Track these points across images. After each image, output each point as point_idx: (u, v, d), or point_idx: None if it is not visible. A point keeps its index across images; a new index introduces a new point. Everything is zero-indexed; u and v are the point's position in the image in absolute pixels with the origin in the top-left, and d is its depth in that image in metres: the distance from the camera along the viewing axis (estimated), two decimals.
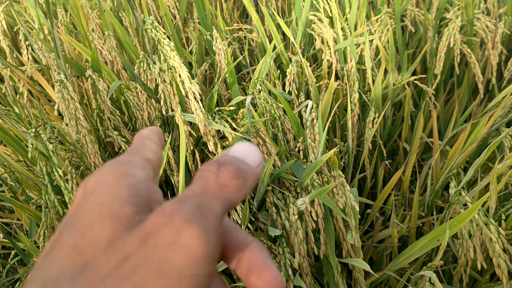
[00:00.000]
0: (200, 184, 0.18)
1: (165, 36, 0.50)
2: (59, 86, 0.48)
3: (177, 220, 0.16)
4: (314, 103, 0.87)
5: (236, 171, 0.18)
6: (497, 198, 0.57)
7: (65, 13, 1.03)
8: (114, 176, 0.18)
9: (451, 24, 0.77)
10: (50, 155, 0.44)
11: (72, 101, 0.49)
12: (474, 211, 0.40)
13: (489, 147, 0.53)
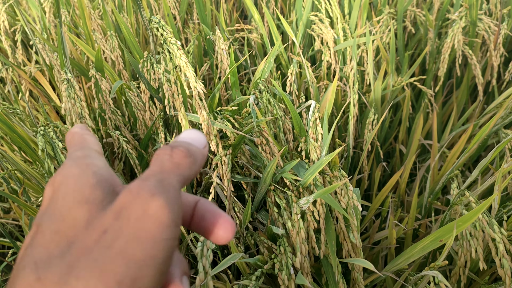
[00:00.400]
0: (157, 165, 0.20)
1: (171, 35, 0.50)
2: (66, 85, 0.48)
3: (143, 194, 0.18)
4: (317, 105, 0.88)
5: (186, 151, 0.21)
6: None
7: (67, 13, 1.03)
8: (79, 168, 0.20)
9: (455, 25, 0.78)
10: (59, 153, 0.45)
11: (78, 100, 0.49)
12: (480, 211, 0.40)
13: (496, 147, 0.53)
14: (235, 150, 0.63)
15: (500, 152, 0.75)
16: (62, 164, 0.21)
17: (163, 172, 0.20)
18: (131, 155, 0.68)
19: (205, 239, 0.37)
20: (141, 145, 0.78)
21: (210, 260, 0.38)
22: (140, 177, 0.20)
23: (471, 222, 0.41)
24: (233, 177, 0.68)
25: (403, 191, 0.85)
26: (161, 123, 0.67)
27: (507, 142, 0.54)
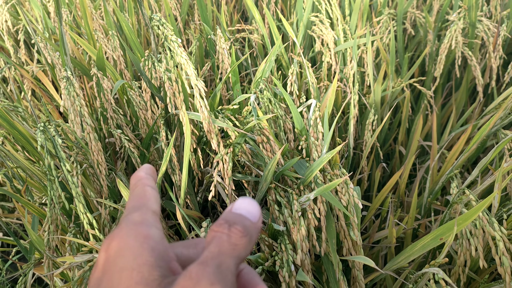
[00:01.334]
0: (216, 245, 0.21)
1: (172, 32, 0.51)
2: (65, 82, 0.49)
3: (203, 283, 0.19)
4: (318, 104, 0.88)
5: (243, 230, 0.21)
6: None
7: (69, 13, 1.04)
8: (136, 240, 0.20)
9: (454, 26, 0.78)
10: (59, 149, 0.45)
11: (78, 98, 0.49)
12: (481, 209, 0.41)
13: (496, 146, 0.54)
14: (236, 148, 0.63)
15: (499, 153, 0.76)
16: (119, 227, 0.21)
17: (220, 255, 0.20)
18: (133, 154, 0.68)
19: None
20: (143, 144, 0.79)
21: None
22: (200, 259, 0.20)
23: (471, 220, 0.41)
24: (235, 176, 0.68)
25: (402, 191, 0.85)
26: (162, 122, 0.67)
27: (507, 141, 0.54)
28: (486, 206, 0.40)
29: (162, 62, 0.55)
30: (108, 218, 0.57)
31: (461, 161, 0.64)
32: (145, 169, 0.27)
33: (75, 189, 0.41)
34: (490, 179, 0.51)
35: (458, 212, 0.49)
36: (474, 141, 0.59)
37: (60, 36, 0.52)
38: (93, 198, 0.52)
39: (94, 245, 0.44)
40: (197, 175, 0.77)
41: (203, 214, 0.98)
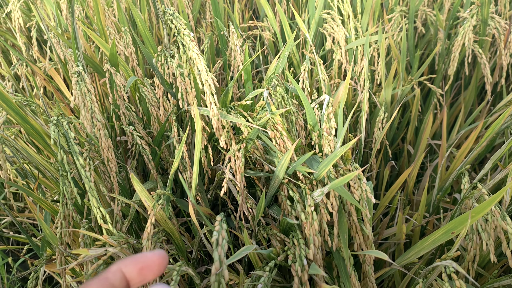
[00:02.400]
0: None
1: (185, 26, 0.51)
2: (76, 78, 0.49)
3: None
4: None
5: None
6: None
7: (82, 10, 1.05)
8: None
9: (466, 23, 0.78)
10: (72, 143, 0.46)
11: (89, 94, 0.50)
12: (494, 201, 0.41)
13: (508, 142, 0.53)
14: (249, 144, 0.64)
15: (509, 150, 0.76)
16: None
17: None
18: (144, 150, 0.69)
19: (220, 229, 0.37)
20: (154, 141, 0.79)
21: (225, 250, 0.38)
22: None
23: (484, 212, 0.41)
24: (246, 173, 0.68)
25: (411, 190, 0.85)
26: (174, 118, 0.68)
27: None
28: (499, 199, 0.40)
29: (175, 57, 0.55)
30: (120, 214, 0.58)
31: (470, 159, 0.64)
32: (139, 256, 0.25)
33: (88, 183, 0.42)
34: (503, 173, 0.51)
35: (468, 207, 0.49)
36: (485, 137, 0.59)
37: (73, 30, 0.53)
38: (106, 194, 0.53)
39: (108, 239, 0.44)
40: (207, 172, 0.78)
41: (214, 212, 0.98)
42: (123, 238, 0.46)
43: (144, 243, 0.47)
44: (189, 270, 0.47)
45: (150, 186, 0.76)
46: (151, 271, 0.24)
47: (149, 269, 0.24)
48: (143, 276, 0.24)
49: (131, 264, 0.24)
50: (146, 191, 0.50)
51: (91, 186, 0.43)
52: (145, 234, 0.47)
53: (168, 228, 0.59)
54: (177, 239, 0.64)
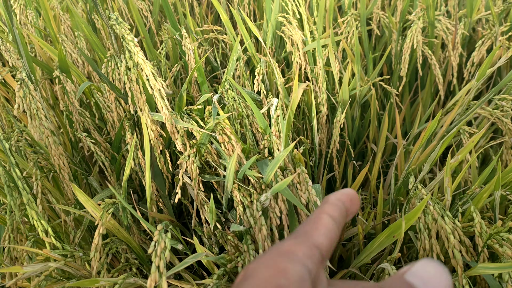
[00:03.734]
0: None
1: (128, 31, 0.51)
2: (20, 85, 0.48)
3: None
4: (283, 103, 0.89)
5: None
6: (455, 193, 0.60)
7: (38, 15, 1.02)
8: (267, 271, 0.17)
9: (414, 26, 0.80)
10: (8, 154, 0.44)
11: (34, 101, 0.49)
12: (423, 205, 0.42)
13: (442, 142, 0.55)
14: (201, 149, 0.63)
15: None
16: (268, 250, 0.19)
17: None
18: (99, 157, 0.68)
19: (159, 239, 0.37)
20: (112, 147, 0.78)
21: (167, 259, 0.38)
22: None
23: (418, 215, 0.43)
24: (203, 177, 0.68)
25: (373, 187, 0.87)
26: (128, 124, 0.67)
27: (450, 137, 0.56)
28: (443, 202, 0.42)
29: (122, 61, 0.55)
30: (73, 225, 0.57)
31: (421, 157, 0.65)
32: (340, 194, 0.23)
33: (26, 195, 0.41)
34: (440, 175, 0.53)
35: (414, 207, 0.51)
36: (425, 138, 0.61)
37: (13, 37, 0.51)
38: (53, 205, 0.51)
39: (50, 254, 0.43)
40: (167, 177, 0.77)
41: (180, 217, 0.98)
42: (68, 251, 0.45)
43: (92, 255, 0.46)
44: (139, 280, 0.46)
45: (109, 193, 0.75)
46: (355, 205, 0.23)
47: (354, 202, 0.23)
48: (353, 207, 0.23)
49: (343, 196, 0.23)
50: (91, 201, 0.49)
51: (30, 199, 0.41)
52: (93, 246, 0.46)
53: (123, 237, 0.58)
54: (135, 248, 0.64)
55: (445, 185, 0.49)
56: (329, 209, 0.21)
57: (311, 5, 1.13)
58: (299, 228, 0.20)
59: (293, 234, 0.20)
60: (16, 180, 0.41)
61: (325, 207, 0.21)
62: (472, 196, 0.52)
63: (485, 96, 0.61)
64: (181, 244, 0.52)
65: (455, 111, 0.63)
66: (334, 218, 0.21)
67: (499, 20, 0.95)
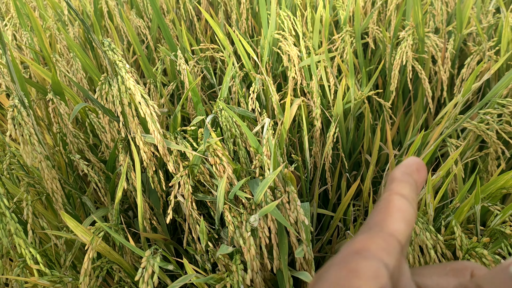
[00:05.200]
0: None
1: (121, 58, 0.52)
2: (12, 112, 0.49)
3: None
4: (277, 119, 0.90)
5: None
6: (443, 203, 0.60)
7: (32, 36, 1.04)
8: (338, 273, 0.16)
9: (403, 43, 0.81)
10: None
11: (27, 126, 0.50)
12: None
13: (424, 155, 0.56)
14: (194, 169, 0.64)
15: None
16: (339, 253, 0.17)
17: None
18: (92, 178, 0.68)
19: (146, 266, 0.38)
20: (107, 167, 0.79)
21: (155, 284, 0.38)
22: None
23: None
24: (196, 196, 0.69)
25: (366, 198, 0.87)
26: (121, 145, 0.68)
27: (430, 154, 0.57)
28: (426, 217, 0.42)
29: (115, 86, 0.56)
30: (64, 248, 0.57)
31: None
32: (404, 166, 0.20)
33: (14, 225, 0.41)
34: (424, 190, 0.54)
35: None
36: (412, 150, 0.62)
37: (6, 64, 0.52)
38: (44, 231, 0.52)
39: (38, 281, 0.44)
40: (161, 196, 0.78)
41: (175, 232, 0.98)
42: (57, 277, 0.46)
43: (81, 280, 0.46)
44: None
45: (102, 213, 0.76)
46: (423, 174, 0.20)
47: (422, 171, 0.20)
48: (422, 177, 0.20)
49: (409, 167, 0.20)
50: (81, 226, 0.50)
51: (18, 228, 0.42)
52: (82, 271, 0.47)
53: (115, 259, 0.59)
54: (127, 269, 0.64)
55: (427, 201, 0.50)
56: (399, 187, 0.19)
57: (307, 20, 1.14)
58: (370, 217, 0.18)
59: (365, 226, 0.18)
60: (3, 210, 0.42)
61: (393, 186, 0.19)
62: (453, 210, 0.52)
63: (471, 110, 0.62)
64: (172, 265, 0.53)
65: (442, 125, 0.64)
66: (406, 197, 0.18)
67: (489, 34, 0.96)
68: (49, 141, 0.83)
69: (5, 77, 0.75)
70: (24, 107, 0.56)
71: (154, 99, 0.99)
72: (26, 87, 0.71)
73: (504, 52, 0.80)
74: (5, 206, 0.42)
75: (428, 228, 0.47)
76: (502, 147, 0.67)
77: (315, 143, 0.97)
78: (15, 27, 1.05)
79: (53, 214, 0.71)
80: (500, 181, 0.54)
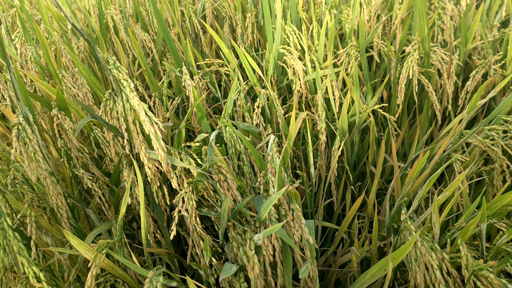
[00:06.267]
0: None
1: (126, 76, 0.52)
2: (16, 130, 0.49)
3: None
4: (282, 132, 0.90)
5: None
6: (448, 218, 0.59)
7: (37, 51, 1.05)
8: None
9: (409, 57, 0.81)
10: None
11: (31, 144, 0.50)
12: (411, 245, 0.42)
13: (430, 179, 0.56)
14: (199, 185, 0.64)
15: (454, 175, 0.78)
16: None
17: None
18: (96, 192, 0.69)
19: (150, 286, 0.37)
20: (111, 181, 0.79)
21: None
22: None
23: (405, 254, 0.43)
24: (200, 211, 0.69)
25: (370, 211, 0.87)
26: (125, 161, 0.68)
27: (436, 176, 0.56)
28: (411, 246, 0.42)
29: (119, 103, 0.56)
30: (68, 263, 0.57)
31: (415, 186, 0.65)
32: None
33: (17, 244, 0.41)
34: (428, 211, 0.53)
35: (407, 239, 0.50)
36: (417, 172, 0.61)
37: (11, 82, 0.53)
38: (47, 248, 0.52)
39: None
40: (165, 210, 0.78)
41: (179, 245, 0.98)
42: None
43: None
44: None
45: (106, 227, 0.76)
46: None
47: None
48: None
49: None
50: (84, 244, 0.50)
51: (21, 247, 0.42)
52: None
53: (119, 275, 0.59)
54: (131, 283, 0.64)
55: (433, 221, 0.49)
56: None
57: (313, 33, 1.15)
58: None
59: None
60: (7, 230, 0.42)
61: None
62: (459, 228, 0.52)
63: (476, 127, 0.61)
64: (175, 281, 0.52)
65: (448, 141, 0.63)
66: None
67: (494, 48, 0.96)
68: (54, 153, 0.83)
69: (10, 92, 0.75)
70: (28, 124, 0.56)
71: (159, 112, 1.00)
72: (31, 102, 0.72)
73: (510, 67, 0.80)
74: (8, 226, 0.42)
75: (434, 247, 0.46)
76: (507, 162, 0.66)
77: (320, 156, 0.96)
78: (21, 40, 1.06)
79: (57, 228, 0.71)
80: (506, 199, 0.54)
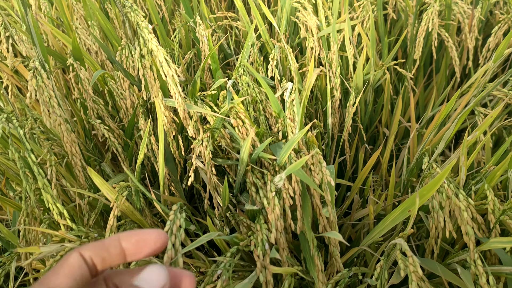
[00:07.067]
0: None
1: (143, 18, 0.51)
2: (32, 73, 0.49)
3: None
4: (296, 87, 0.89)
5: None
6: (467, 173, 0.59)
7: (50, 5, 1.03)
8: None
9: (430, 9, 0.79)
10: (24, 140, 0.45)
11: (47, 89, 0.50)
12: (442, 179, 0.42)
13: (458, 118, 0.55)
14: (215, 133, 0.64)
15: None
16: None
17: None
18: (113, 143, 0.69)
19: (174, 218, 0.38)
20: (125, 134, 0.79)
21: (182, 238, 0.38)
22: None
23: (434, 190, 0.42)
24: (215, 161, 0.69)
25: (384, 170, 0.87)
26: (141, 110, 0.68)
27: (468, 112, 0.55)
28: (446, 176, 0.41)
29: (137, 48, 0.55)
30: (87, 208, 0.58)
31: (436, 139, 0.65)
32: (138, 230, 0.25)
33: (42, 180, 0.42)
34: (455, 155, 0.53)
35: None
36: (441, 118, 0.60)
37: (27, 26, 0.52)
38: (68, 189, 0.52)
39: (65, 235, 0.44)
40: (179, 162, 0.78)
41: (191, 200, 0.99)
42: (83, 232, 0.47)
43: (107, 235, 0.47)
44: (153, 259, 0.47)
45: (122, 178, 0.76)
46: (147, 245, 0.25)
47: (145, 243, 0.25)
48: (139, 248, 0.25)
49: (128, 236, 0.25)
50: (107, 184, 0.50)
51: (45, 183, 0.42)
52: (108, 227, 0.47)
53: (137, 220, 0.59)
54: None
55: (460, 164, 0.49)
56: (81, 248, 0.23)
57: None
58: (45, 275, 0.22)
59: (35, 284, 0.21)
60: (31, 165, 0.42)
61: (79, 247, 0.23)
62: (485, 174, 0.51)
63: (501, 77, 0.60)
64: (194, 224, 0.53)
65: (471, 93, 0.62)
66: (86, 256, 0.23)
67: None
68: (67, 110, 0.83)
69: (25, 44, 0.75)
70: (44, 70, 0.56)
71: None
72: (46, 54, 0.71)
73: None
74: (32, 162, 0.42)
75: (460, 191, 0.46)
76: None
77: (333, 114, 0.96)
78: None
79: (73, 178, 0.72)
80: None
